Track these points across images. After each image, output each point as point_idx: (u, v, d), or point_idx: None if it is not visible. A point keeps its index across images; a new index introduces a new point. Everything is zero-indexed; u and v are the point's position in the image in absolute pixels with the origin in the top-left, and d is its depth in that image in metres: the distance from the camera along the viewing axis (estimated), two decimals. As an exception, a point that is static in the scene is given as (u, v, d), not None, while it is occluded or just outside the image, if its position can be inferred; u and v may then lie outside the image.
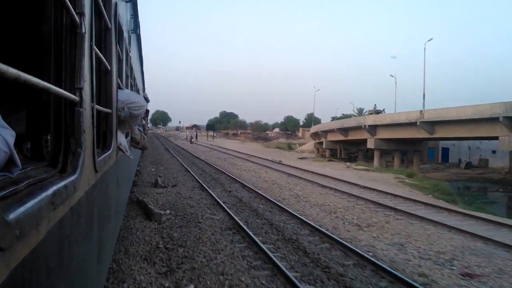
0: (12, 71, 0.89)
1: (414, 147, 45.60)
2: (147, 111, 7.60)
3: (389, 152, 47.86)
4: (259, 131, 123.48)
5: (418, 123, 37.05)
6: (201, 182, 14.64)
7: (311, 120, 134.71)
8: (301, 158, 39.66)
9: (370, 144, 44.96)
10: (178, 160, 24.68)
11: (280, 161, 27.84)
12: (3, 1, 2.00)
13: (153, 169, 18.95)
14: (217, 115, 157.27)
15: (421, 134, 38.61)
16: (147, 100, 11.06)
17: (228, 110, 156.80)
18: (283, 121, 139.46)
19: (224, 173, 18.30)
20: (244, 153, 36.10)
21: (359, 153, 54.85)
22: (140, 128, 6.40)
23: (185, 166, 20.52)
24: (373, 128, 44.07)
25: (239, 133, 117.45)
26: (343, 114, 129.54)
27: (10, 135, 1.12)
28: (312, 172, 21.41)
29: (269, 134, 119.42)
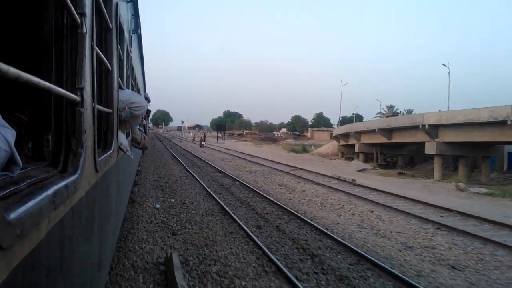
0: (13, 71, 0.90)
1: (483, 153, 35.09)
2: (148, 111, 7.59)
3: (446, 158, 37.80)
4: (264, 131, 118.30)
5: (509, 122, 27.24)
6: (290, 276, 5.62)
7: (320, 120, 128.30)
8: (361, 171, 30.35)
9: (430, 149, 35.43)
10: (197, 179, 15.56)
11: (353, 180, 19.03)
12: (4, 1, 2.00)
13: (157, 206, 10.25)
14: (220, 114, 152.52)
15: (510, 137, 28.31)
16: (148, 100, 11.05)
17: (230, 110, 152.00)
18: (290, 121, 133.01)
19: (304, 220, 9.48)
20: (277, 162, 27.20)
21: (398, 158, 46.09)
22: (141, 128, 6.40)
23: (215, 196, 11.83)
24: (434, 129, 34.29)
25: (244, 133, 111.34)
26: (353, 114, 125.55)
27: (10, 134, 1.13)
28: (454, 212, 12.03)
29: (276, 135, 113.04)
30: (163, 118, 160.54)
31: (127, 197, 7.08)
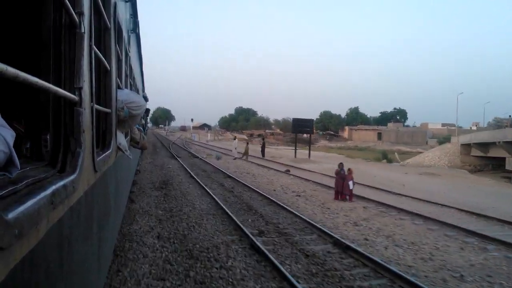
0: (11, 70, 0.89)
1: None
2: (147, 110, 7.61)
3: None
4: (286, 131, 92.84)
5: None
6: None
7: (356, 116, 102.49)
8: None
9: None
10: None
11: None
12: (2, 0, 2.00)
13: None
14: (229, 112, 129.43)
15: None
16: (146, 99, 11.06)
17: (243, 107, 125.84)
18: (318, 118, 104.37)
19: None
20: None
21: None
22: (140, 127, 6.40)
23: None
24: None
25: (264, 133, 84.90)
26: (397, 108, 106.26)
27: (10, 135, 1.12)
28: None
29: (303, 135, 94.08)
30: (164, 116, 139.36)
31: (126, 197, 7.08)
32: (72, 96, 1.61)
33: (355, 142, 79.89)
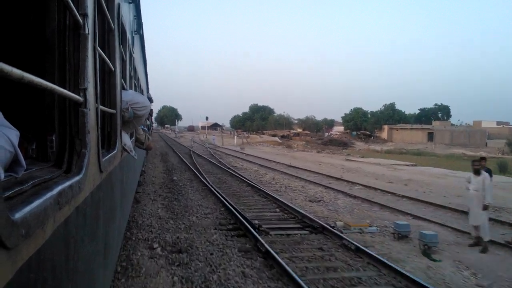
0: (16, 72, 0.90)
1: None
2: (151, 111, 7.64)
3: None
4: (311, 131, 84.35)
5: None
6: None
7: (391, 113, 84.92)
8: None
9: None
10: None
11: None
12: (6, 2, 2.02)
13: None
14: (243, 111, 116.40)
15: None
16: (150, 100, 11.11)
17: (253, 105, 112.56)
18: (345, 115, 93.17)
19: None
20: None
21: None
22: (144, 128, 6.43)
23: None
24: None
25: (288, 134, 75.20)
26: (439, 104, 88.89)
27: (14, 135, 1.13)
28: None
29: (334, 135, 78.44)
30: (171, 115, 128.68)
31: (131, 197, 7.12)
32: (77, 97, 1.62)
33: (397, 143, 63.85)
